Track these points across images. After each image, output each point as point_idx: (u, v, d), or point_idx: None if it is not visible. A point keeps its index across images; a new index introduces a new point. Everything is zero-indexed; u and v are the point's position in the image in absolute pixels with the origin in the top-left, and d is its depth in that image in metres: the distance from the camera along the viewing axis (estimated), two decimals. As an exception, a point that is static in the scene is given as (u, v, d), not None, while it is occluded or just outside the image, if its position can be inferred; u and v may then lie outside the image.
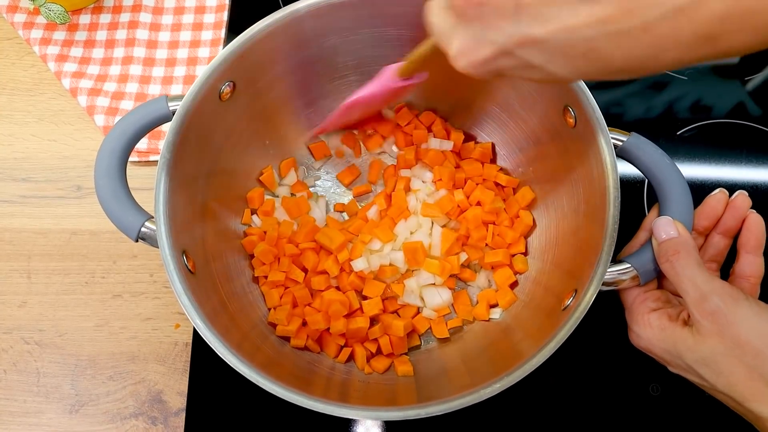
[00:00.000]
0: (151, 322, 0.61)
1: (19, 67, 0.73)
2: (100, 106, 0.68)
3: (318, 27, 0.55)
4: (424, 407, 0.43)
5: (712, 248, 0.50)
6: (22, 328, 0.61)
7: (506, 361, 0.45)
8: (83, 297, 0.62)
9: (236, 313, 0.53)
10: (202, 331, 0.45)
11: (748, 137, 0.68)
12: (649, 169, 0.49)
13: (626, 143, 0.50)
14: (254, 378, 0.44)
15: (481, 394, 0.43)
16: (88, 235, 0.65)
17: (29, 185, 0.67)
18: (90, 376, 0.59)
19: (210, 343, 0.45)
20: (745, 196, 0.49)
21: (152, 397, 0.59)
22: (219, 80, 0.52)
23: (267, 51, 0.54)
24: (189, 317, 0.45)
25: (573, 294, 0.47)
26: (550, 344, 0.44)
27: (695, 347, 0.42)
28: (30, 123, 0.70)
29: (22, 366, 0.60)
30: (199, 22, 0.74)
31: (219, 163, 0.57)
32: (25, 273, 0.64)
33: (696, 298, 0.42)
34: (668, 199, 0.48)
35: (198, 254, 0.52)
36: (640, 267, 0.47)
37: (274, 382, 0.44)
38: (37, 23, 0.73)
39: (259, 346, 0.53)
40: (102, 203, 0.49)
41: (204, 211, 0.55)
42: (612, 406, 0.57)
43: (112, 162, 0.50)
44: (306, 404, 0.43)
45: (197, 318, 0.45)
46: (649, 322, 0.46)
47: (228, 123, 0.56)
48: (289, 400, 0.43)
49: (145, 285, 0.63)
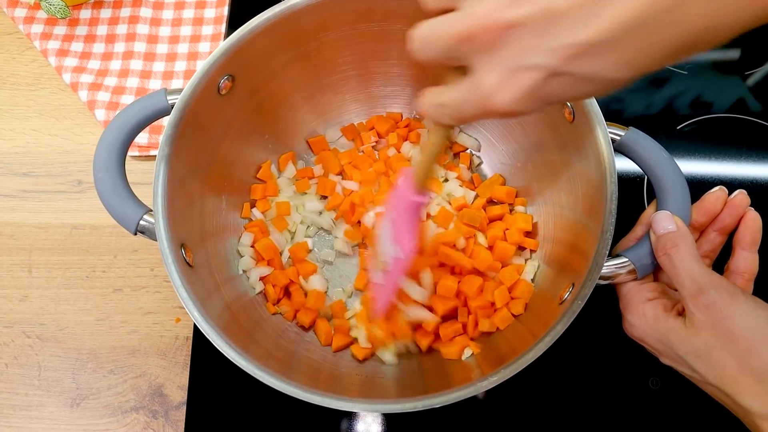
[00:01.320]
0: (151, 316, 0.61)
1: (19, 61, 0.73)
2: (101, 101, 0.68)
3: (316, 21, 0.55)
4: (421, 400, 0.44)
5: (707, 244, 0.50)
6: (23, 322, 0.62)
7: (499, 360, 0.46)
8: (84, 291, 0.63)
9: (235, 307, 0.54)
10: (199, 323, 0.45)
11: (748, 132, 0.68)
12: (647, 164, 0.49)
13: (624, 138, 0.50)
14: (252, 370, 0.44)
15: (478, 386, 0.43)
16: (89, 229, 0.65)
17: (30, 180, 0.67)
18: (91, 370, 0.60)
19: (207, 335, 0.45)
20: (745, 195, 0.49)
21: (153, 390, 0.59)
22: (218, 74, 0.52)
23: (266, 45, 0.54)
24: (187, 310, 0.46)
25: (570, 288, 0.48)
26: (546, 338, 0.44)
27: (688, 339, 0.42)
28: (31, 118, 0.70)
29: (23, 360, 0.60)
30: (199, 17, 0.74)
31: (218, 157, 0.57)
32: (26, 267, 0.64)
33: (692, 290, 0.42)
34: (666, 194, 0.48)
35: (197, 247, 0.52)
36: (637, 261, 0.47)
37: (272, 375, 0.44)
38: (38, 18, 0.73)
39: (258, 339, 0.53)
40: (101, 196, 0.50)
41: (203, 205, 0.56)
42: (611, 400, 0.57)
43: (111, 155, 0.50)
44: (305, 397, 0.43)
45: (195, 311, 0.45)
46: (643, 312, 0.46)
47: (227, 117, 0.56)
48: (287, 392, 0.44)
49: (145, 279, 0.63)
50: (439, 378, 0.53)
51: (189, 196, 0.53)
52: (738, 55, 0.73)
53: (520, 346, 0.46)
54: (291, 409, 0.57)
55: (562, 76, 0.29)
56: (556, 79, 0.29)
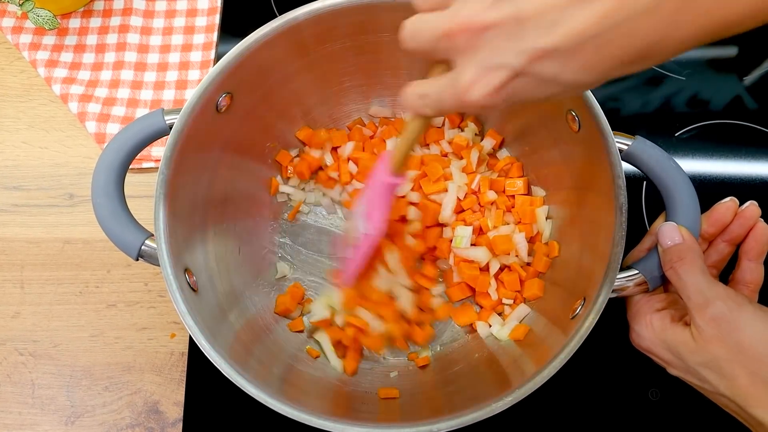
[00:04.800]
0: (146, 332, 0.61)
1: (8, 72, 0.72)
2: (92, 113, 0.67)
3: (317, 34, 0.54)
4: (436, 423, 0.43)
5: (715, 254, 0.50)
6: (16, 339, 0.61)
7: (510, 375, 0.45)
8: (77, 307, 0.62)
9: (242, 331, 0.53)
10: (207, 351, 0.44)
11: (746, 137, 0.68)
12: (655, 173, 0.49)
13: (632, 147, 0.49)
14: (271, 403, 0.44)
15: (493, 408, 0.43)
16: (82, 243, 0.64)
17: (21, 194, 0.66)
18: (85, 387, 0.59)
19: (219, 365, 0.44)
20: (756, 207, 0.48)
21: (148, 407, 0.58)
22: (216, 92, 0.51)
23: (265, 59, 0.53)
24: (195, 340, 0.45)
25: (582, 301, 0.47)
26: (561, 354, 0.43)
27: (697, 350, 0.42)
28: (21, 130, 0.69)
29: (16, 377, 0.59)
30: (190, 26, 0.73)
31: (218, 176, 0.56)
32: (18, 283, 0.63)
33: (699, 303, 0.42)
34: (675, 204, 0.47)
35: (201, 272, 0.51)
36: (648, 273, 0.46)
37: (288, 405, 0.44)
38: (26, 28, 0.72)
39: (267, 364, 0.52)
40: (100, 222, 0.49)
41: (205, 227, 0.55)
42: (611, 411, 0.57)
43: (110, 179, 0.49)
44: (317, 423, 0.43)
45: (203, 339, 0.45)
46: (651, 323, 0.46)
47: (226, 134, 0.55)
48: (300, 420, 0.43)
49: (139, 294, 0.62)
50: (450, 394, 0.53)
51: (191, 218, 0.52)
52: (735, 53, 0.72)
53: (542, 357, 0.46)
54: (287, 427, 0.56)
55: (527, 76, 0.31)
56: (522, 78, 0.32)
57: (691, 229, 0.45)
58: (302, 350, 0.57)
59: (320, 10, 0.52)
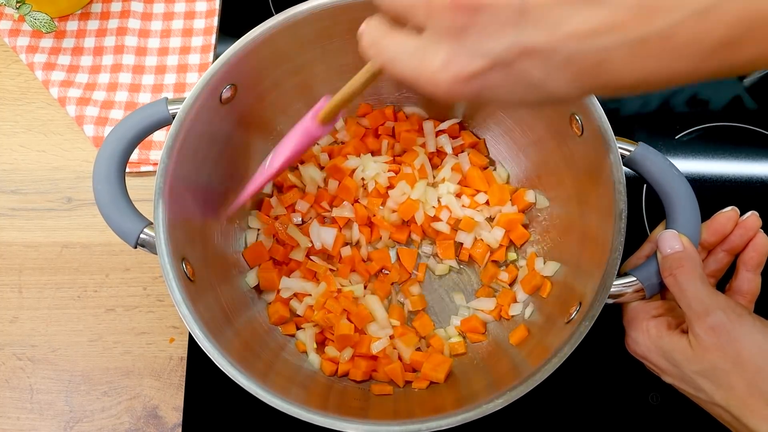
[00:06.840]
0: (145, 337, 0.60)
1: (5, 75, 0.72)
2: (89, 116, 0.66)
3: (320, 30, 0.54)
4: (425, 422, 0.43)
5: (714, 263, 0.50)
6: (14, 344, 0.60)
7: (505, 376, 0.45)
8: (76, 311, 0.61)
9: (238, 322, 0.53)
10: (201, 341, 0.44)
11: (746, 139, 0.67)
12: (656, 180, 0.49)
13: (634, 153, 0.49)
14: (256, 392, 0.43)
15: (484, 409, 0.43)
16: (80, 248, 0.64)
17: (18, 197, 0.66)
18: (84, 392, 0.59)
19: (210, 354, 0.44)
20: (757, 217, 0.48)
21: (148, 412, 0.58)
22: (220, 83, 0.51)
23: (269, 54, 0.53)
24: (188, 327, 0.45)
25: (577, 306, 0.47)
26: (554, 359, 0.43)
27: (695, 359, 0.42)
28: (18, 133, 0.69)
29: (14, 382, 0.59)
30: (189, 28, 0.73)
31: (220, 167, 0.56)
32: (16, 287, 0.62)
33: (698, 312, 0.41)
34: (676, 212, 0.47)
35: (198, 262, 0.51)
36: (645, 280, 0.46)
37: (275, 395, 0.43)
38: (23, 30, 0.71)
39: (260, 354, 0.52)
40: (100, 208, 0.48)
41: (204, 218, 0.54)
42: (612, 415, 0.57)
43: (111, 166, 0.49)
44: (306, 417, 0.43)
45: (196, 328, 0.44)
46: (647, 329, 0.46)
47: (228, 126, 0.55)
48: (303, 418, 0.43)
49: (138, 298, 0.62)
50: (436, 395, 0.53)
51: (191, 208, 0.52)
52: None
53: (533, 362, 0.46)
54: (290, 428, 0.56)
55: (506, 71, 0.28)
56: (499, 73, 0.28)
57: (691, 237, 0.45)
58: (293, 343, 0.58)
59: (323, 6, 0.52)
